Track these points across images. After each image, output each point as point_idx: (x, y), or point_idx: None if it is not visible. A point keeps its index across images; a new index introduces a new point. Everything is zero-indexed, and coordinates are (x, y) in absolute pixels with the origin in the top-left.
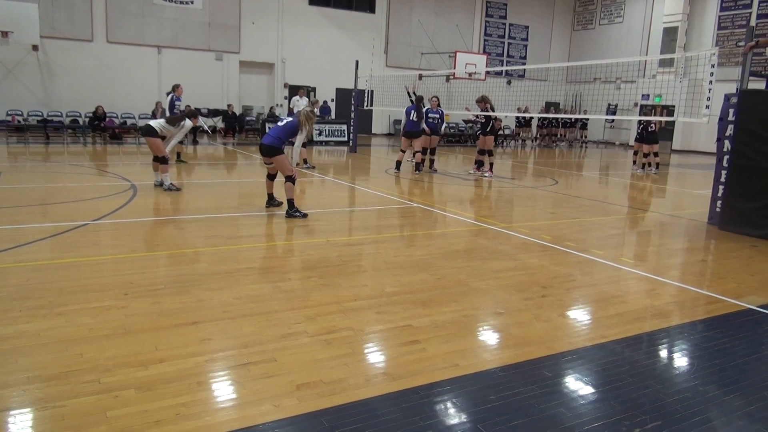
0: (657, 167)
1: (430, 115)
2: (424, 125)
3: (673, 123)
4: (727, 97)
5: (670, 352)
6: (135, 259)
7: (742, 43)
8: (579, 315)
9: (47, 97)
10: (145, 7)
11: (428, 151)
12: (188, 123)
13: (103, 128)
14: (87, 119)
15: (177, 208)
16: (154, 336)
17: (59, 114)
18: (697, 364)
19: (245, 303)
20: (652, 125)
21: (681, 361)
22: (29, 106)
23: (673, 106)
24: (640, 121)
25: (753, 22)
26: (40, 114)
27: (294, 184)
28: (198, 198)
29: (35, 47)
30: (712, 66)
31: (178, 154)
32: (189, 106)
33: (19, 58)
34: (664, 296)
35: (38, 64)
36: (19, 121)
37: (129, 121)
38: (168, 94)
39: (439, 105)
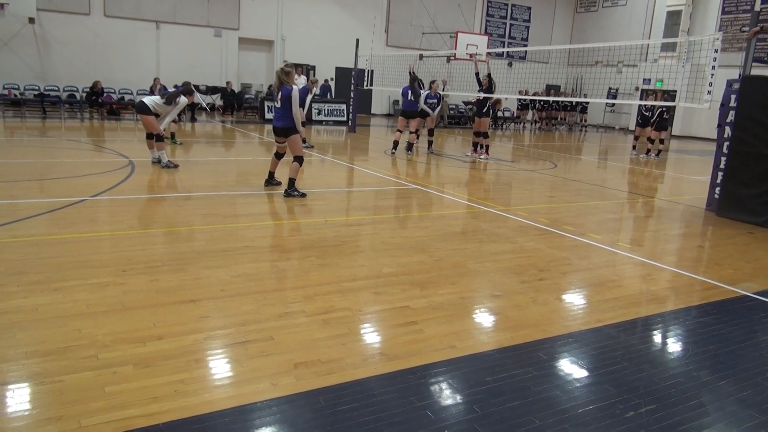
0: (658, 153)
1: (428, 100)
2: (422, 105)
3: (673, 108)
4: (730, 83)
5: (665, 337)
6: (133, 236)
7: (746, 29)
8: (575, 299)
9: (44, 71)
10: None
11: (429, 132)
12: (183, 100)
13: (100, 104)
14: (84, 94)
15: (175, 186)
16: (152, 313)
17: (56, 88)
18: (692, 350)
19: (243, 281)
20: (665, 111)
21: (675, 346)
22: (26, 80)
23: (674, 91)
24: (643, 106)
25: (758, 7)
26: (37, 88)
27: (301, 165)
28: (196, 176)
29: (31, 20)
30: (716, 51)
31: (173, 135)
32: (188, 82)
33: (15, 30)
34: (660, 281)
35: (34, 37)
36: (15, 95)
37: (127, 97)
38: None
39: (437, 89)
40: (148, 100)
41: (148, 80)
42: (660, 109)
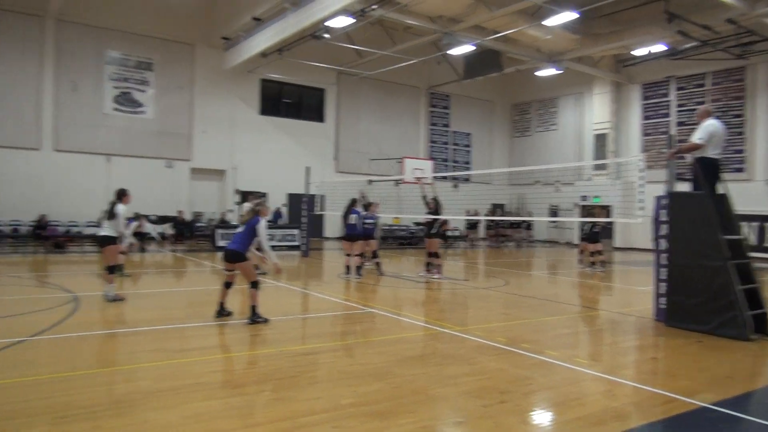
0: (603, 265)
1: (366, 220)
2: (360, 226)
3: (612, 222)
4: (658, 199)
5: None
6: (75, 378)
7: (664, 151)
8: (539, 421)
9: None
10: (95, 116)
11: (373, 254)
12: (121, 207)
13: (45, 237)
14: (30, 228)
15: (122, 320)
16: None
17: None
18: None
19: (193, 423)
20: (597, 225)
21: None
22: None
23: (610, 206)
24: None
25: (673, 131)
26: None
27: (257, 289)
28: (144, 308)
29: None
30: (641, 171)
31: (121, 267)
32: (137, 213)
33: None
34: (620, 397)
35: None
36: None
37: (74, 230)
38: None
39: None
40: (107, 231)
41: (97, 212)
42: (590, 223)
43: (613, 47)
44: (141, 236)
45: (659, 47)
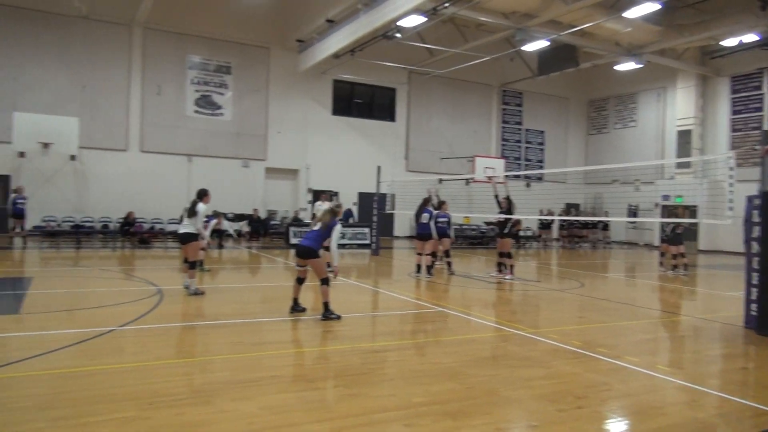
0: (686, 268)
1: (439, 219)
2: (433, 226)
3: (697, 223)
4: (750, 199)
5: None
6: (159, 367)
7: (758, 147)
8: (618, 429)
9: (81, 203)
10: (177, 119)
11: (445, 253)
12: (202, 206)
13: (132, 233)
14: (118, 224)
15: (202, 314)
16: None
17: (91, 220)
18: None
19: (270, 414)
20: (679, 226)
21: None
22: (63, 212)
23: (695, 206)
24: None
25: (765, 126)
26: (73, 220)
27: (329, 286)
28: (223, 303)
29: (73, 157)
30: (731, 169)
31: (201, 262)
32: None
33: (57, 167)
34: (707, 408)
35: (74, 173)
36: (52, 227)
37: (158, 227)
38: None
39: (447, 209)
40: (188, 228)
41: (179, 209)
42: (672, 225)
43: (699, 38)
44: (219, 233)
45: (751, 37)
